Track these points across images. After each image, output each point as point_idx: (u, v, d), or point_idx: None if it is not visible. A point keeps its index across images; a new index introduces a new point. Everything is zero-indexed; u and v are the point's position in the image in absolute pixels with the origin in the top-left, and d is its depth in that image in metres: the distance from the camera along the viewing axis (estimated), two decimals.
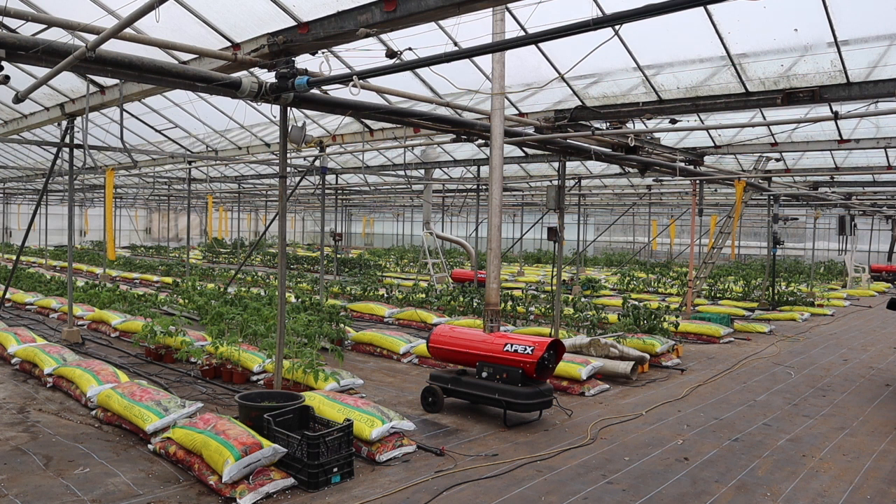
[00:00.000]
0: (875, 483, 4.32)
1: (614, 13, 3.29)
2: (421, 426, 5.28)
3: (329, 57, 5.15)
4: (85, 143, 7.38)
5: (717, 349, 8.84)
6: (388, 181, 18.01)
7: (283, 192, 5.88)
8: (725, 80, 6.53)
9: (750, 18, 5.77)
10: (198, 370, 6.97)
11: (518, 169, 14.39)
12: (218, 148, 12.24)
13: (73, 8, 5.54)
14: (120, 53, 4.79)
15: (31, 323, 9.81)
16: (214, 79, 5.22)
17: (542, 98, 7.85)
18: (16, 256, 10.53)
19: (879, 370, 7.72)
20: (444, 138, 9.43)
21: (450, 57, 4.33)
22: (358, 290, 13.46)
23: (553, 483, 4.23)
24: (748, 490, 4.18)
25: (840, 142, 9.07)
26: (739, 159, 12.36)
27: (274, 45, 5.10)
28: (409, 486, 4.12)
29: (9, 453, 4.59)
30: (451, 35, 6.15)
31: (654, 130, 8.52)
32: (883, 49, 5.90)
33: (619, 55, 6.48)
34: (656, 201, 22.88)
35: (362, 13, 4.43)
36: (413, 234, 35.18)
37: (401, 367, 7.69)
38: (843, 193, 16.70)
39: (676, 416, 5.76)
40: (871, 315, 13.11)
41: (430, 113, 7.68)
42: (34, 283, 13.56)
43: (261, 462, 4.05)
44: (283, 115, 5.61)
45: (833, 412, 5.94)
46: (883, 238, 26.07)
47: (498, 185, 6.30)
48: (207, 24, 5.63)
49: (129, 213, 33.72)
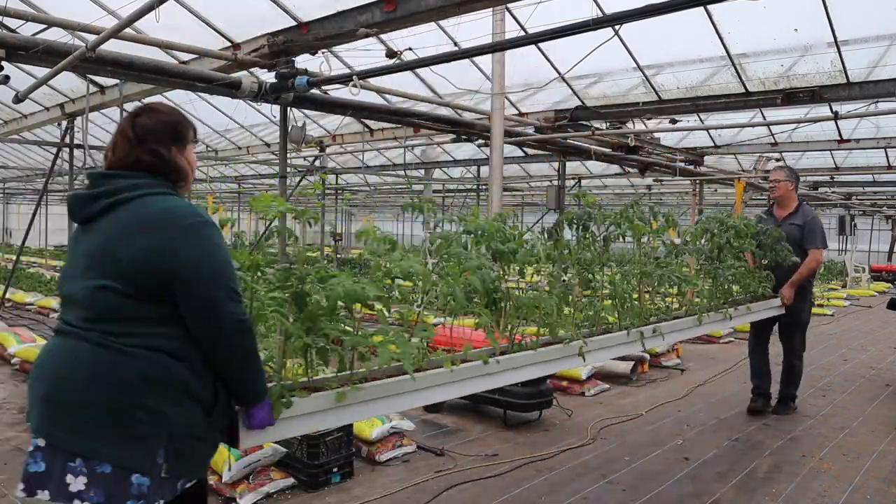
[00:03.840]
0: (875, 483, 4.32)
1: (614, 13, 3.29)
2: (421, 426, 5.28)
3: (329, 57, 5.16)
4: (85, 143, 7.37)
5: (717, 349, 8.84)
6: (388, 181, 18.01)
7: (283, 192, 5.88)
8: (725, 80, 6.54)
9: (750, 18, 5.77)
10: None
11: (518, 169, 14.40)
12: (218, 148, 12.24)
13: (73, 8, 5.54)
14: (120, 53, 4.79)
15: (31, 323, 9.81)
16: (214, 79, 5.23)
17: (542, 98, 7.85)
18: (16, 256, 10.53)
19: (879, 370, 7.72)
20: (444, 138, 9.43)
21: (450, 57, 4.34)
22: None
23: (553, 483, 4.23)
24: (748, 490, 4.18)
25: (840, 142, 9.07)
26: (739, 159, 12.37)
27: (274, 45, 5.10)
28: (409, 486, 4.12)
29: (9, 453, 4.59)
30: (451, 35, 6.16)
31: (654, 130, 8.52)
32: (883, 49, 5.91)
33: (619, 55, 6.49)
34: (656, 201, 22.87)
35: (362, 13, 4.44)
36: (413, 234, 35.18)
37: None
38: (843, 193, 16.70)
39: (676, 416, 5.76)
40: (871, 315, 13.11)
41: (430, 113, 7.69)
42: (34, 283, 13.57)
43: (261, 462, 4.05)
44: (283, 115, 5.62)
45: (833, 412, 5.94)
46: (883, 238, 26.06)
47: (498, 185, 6.30)
48: (207, 24, 5.64)
49: None
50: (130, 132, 2.04)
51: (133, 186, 1.96)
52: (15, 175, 18.88)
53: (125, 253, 1.89)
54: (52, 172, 9.35)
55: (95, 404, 1.84)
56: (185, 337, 1.93)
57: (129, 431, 1.84)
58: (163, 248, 1.88)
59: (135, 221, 1.92)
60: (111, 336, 1.87)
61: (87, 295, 1.90)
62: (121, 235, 1.91)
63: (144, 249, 1.88)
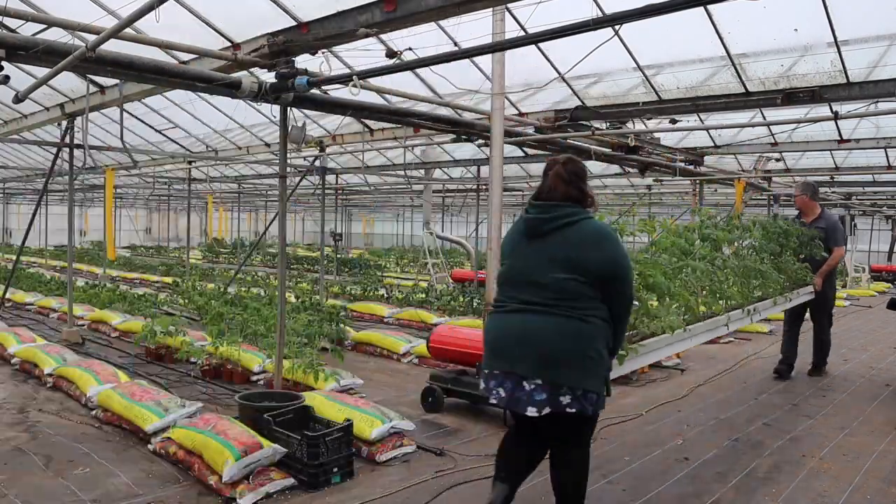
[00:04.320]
0: (875, 483, 4.32)
1: (614, 13, 3.28)
2: (421, 426, 5.28)
3: (329, 57, 5.15)
4: (85, 143, 7.37)
5: (717, 349, 8.84)
6: (388, 181, 18.01)
7: (283, 192, 5.88)
8: (725, 80, 6.53)
9: (750, 18, 5.76)
10: (198, 370, 6.97)
11: (518, 169, 14.39)
12: (218, 148, 12.23)
13: (73, 8, 5.54)
14: (120, 53, 4.79)
15: (31, 323, 9.82)
16: (214, 79, 5.22)
17: (542, 98, 7.84)
18: (16, 256, 10.53)
19: (879, 370, 7.72)
20: (444, 138, 9.43)
21: (450, 57, 4.34)
22: (358, 291, 13.45)
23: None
24: (748, 490, 4.18)
25: (840, 142, 9.06)
26: (739, 159, 12.36)
27: (274, 45, 5.09)
28: (409, 486, 4.12)
29: (9, 453, 4.59)
30: (451, 35, 6.15)
31: (654, 130, 8.52)
32: (883, 49, 5.90)
33: (619, 55, 6.48)
34: (656, 201, 22.87)
35: (362, 13, 4.43)
36: (413, 234, 35.16)
37: (401, 367, 7.69)
38: (843, 193, 16.69)
39: (676, 416, 5.76)
40: (871, 315, 13.10)
41: (430, 113, 7.68)
42: (34, 283, 13.57)
43: (261, 462, 4.05)
44: (283, 115, 5.61)
45: (833, 412, 5.95)
46: (883, 238, 26.04)
47: (498, 185, 6.30)
48: (207, 24, 5.64)
49: (129, 213, 33.71)
50: (564, 175, 3.19)
51: (573, 213, 3.12)
52: (15, 175, 18.88)
53: (587, 259, 3.04)
54: (52, 172, 9.35)
55: (571, 351, 3.00)
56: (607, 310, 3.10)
57: (589, 367, 3.00)
58: (608, 257, 3.07)
59: (584, 238, 3.09)
60: (574, 310, 3.02)
61: (557, 283, 3.04)
62: (579, 247, 3.07)
63: (599, 258, 3.05)
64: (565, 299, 3.02)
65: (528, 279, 3.11)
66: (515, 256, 3.24)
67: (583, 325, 3.01)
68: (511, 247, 3.31)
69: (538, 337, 3.02)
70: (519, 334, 3.06)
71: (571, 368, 2.98)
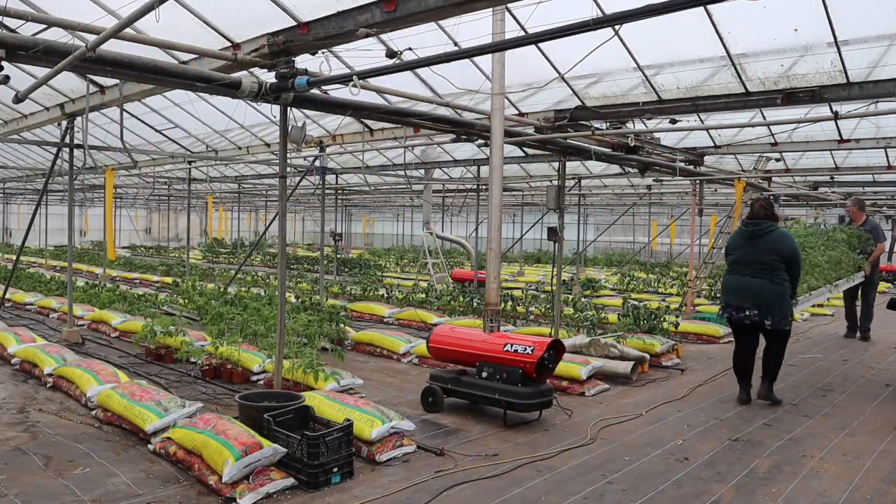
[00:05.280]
0: (875, 483, 4.32)
1: (614, 13, 3.29)
2: (421, 426, 5.28)
3: (329, 57, 5.15)
4: (85, 143, 7.38)
5: (717, 349, 8.84)
6: (388, 181, 18.02)
7: (283, 192, 5.87)
8: (725, 80, 6.53)
9: (750, 18, 5.77)
10: (198, 370, 6.97)
11: (518, 169, 14.40)
12: (218, 148, 12.24)
13: (73, 8, 5.54)
14: (120, 53, 4.78)
15: (31, 323, 9.82)
16: (214, 79, 5.22)
17: (542, 98, 7.85)
18: (16, 256, 10.54)
19: (879, 370, 7.73)
20: (444, 138, 9.43)
21: (450, 57, 4.33)
22: (358, 290, 13.45)
23: (553, 483, 4.23)
24: (748, 490, 4.18)
25: (840, 142, 9.07)
26: (739, 159, 12.36)
27: (274, 45, 5.09)
28: (409, 486, 4.12)
29: (9, 453, 4.59)
30: (451, 35, 6.15)
31: (654, 130, 8.52)
32: (883, 49, 5.90)
33: (619, 55, 6.48)
34: (656, 201, 22.89)
35: (362, 13, 4.43)
36: (413, 234, 35.18)
37: (401, 367, 7.69)
38: (843, 193, 16.67)
39: (676, 416, 5.76)
40: None
41: (430, 113, 7.68)
42: (34, 283, 13.56)
43: (261, 462, 4.05)
44: (283, 115, 5.61)
45: (833, 412, 5.95)
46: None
47: (498, 185, 6.30)
48: (207, 24, 5.63)
49: (129, 213, 33.72)
50: (765, 204, 6.19)
51: (770, 226, 6.06)
52: (15, 175, 18.89)
53: (780, 251, 5.97)
54: (52, 172, 9.36)
55: (777, 300, 5.95)
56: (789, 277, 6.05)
57: (784, 304, 5.99)
58: (790, 248, 6.03)
59: (776, 239, 6.02)
60: (776, 278, 5.96)
61: (768, 263, 5.95)
62: (778, 245, 5.99)
63: (786, 249, 5.99)
64: (771, 270, 5.94)
65: (751, 260, 6.03)
66: (741, 249, 6.14)
67: (779, 285, 5.95)
68: (736, 244, 6.23)
69: (759, 289, 5.96)
70: (747, 286, 6.02)
71: (773, 305, 5.92)
